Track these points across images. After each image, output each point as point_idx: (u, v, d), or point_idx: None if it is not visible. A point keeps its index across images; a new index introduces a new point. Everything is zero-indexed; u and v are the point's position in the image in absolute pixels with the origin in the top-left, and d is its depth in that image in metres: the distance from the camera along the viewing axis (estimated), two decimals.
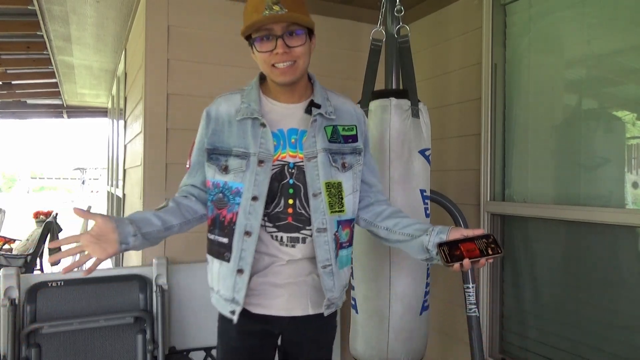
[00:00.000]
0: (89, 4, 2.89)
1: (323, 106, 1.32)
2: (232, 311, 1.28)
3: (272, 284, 1.30)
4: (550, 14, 2.07)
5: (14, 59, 4.53)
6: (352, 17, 2.85)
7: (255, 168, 1.24)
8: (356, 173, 1.35)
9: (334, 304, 1.33)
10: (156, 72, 2.40)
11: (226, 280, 1.27)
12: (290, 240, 1.28)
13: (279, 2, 1.19)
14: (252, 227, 1.24)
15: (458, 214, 2.08)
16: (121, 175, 3.79)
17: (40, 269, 4.93)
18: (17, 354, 1.97)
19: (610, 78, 1.85)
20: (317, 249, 1.27)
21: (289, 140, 1.29)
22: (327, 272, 1.29)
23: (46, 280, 2.09)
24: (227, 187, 1.27)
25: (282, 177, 1.27)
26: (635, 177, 1.74)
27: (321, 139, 1.29)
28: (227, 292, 1.28)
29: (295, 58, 1.23)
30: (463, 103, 2.45)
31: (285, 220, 1.27)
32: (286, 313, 1.31)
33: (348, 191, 1.32)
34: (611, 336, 1.80)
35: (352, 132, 1.36)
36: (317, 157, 1.28)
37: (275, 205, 1.27)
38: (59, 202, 20.23)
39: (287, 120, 1.31)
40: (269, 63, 1.24)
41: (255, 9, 1.22)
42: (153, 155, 2.38)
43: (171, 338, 2.33)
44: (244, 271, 1.25)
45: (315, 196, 1.26)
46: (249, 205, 1.24)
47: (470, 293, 2.02)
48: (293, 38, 1.22)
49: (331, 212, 1.28)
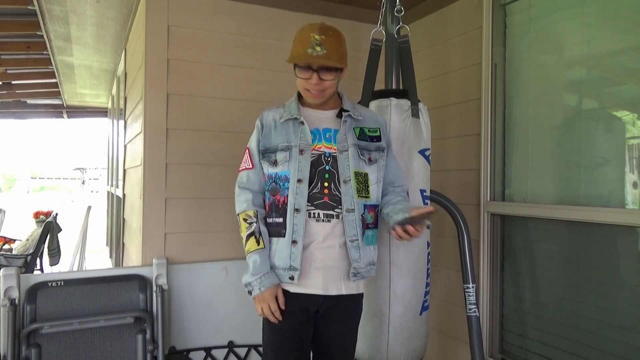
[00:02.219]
0: (89, 4, 2.89)
1: (352, 111, 1.61)
2: (291, 277, 1.51)
3: (312, 266, 1.53)
4: (550, 14, 2.07)
5: (14, 59, 4.53)
6: (352, 17, 2.85)
7: (298, 156, 1.53)
8: (380, 167, 1.63)
9: (360, 273, 1.56)
10: (156, 72, 2.40)
11: (282, 252, 1.52)
12: (326, 217, 1.53)
13: (321, 44, 1.48)
14: (300, 204, 1.51)
15: (458, 214, 2.08)
16: (121, 175, 3.79)
17: (40, 269, 4.92)
18: (17, 354, 1.97)
19: (610, 78, 1.85)
20: (346, 225, 1.52)
21: (324, 135, 1.57)
22: (354, 246, 1.53)
23: (46, 280, 2.09)
24: (277, 177, 1.56)
25: (319, 163, 1.54)
26: (635, 177, 1.74)
27: (351, 136, 1.58)
28: (284, 262, 1.52)
29: (325, 88, 1.54)
30: (463, 103, 2.45)
31: (322, 199, 1.53)
32: (323, 292, 1.54)
33: (373, 181, 1.60)
34: (611, 336, 1.80)
35: (377, 133, 1.65)
36: (348, 151, 1.56)
37: (314, 186, 1.53)
38: (59, 202, 20.23)
39: (322, 122, 1.60)
40: (304, 87, 1.56)
41: (302, 43, 1.51)
42: (153, 155, 2.39)
43: (171, 338, 2.33)
44: (297, 242, 1.50)
45: (346, 182, 1.54)
46: (296, 187, 1.52)
47: (470, 293, 2.02)
48: (326, 74, 1.52)
49: (358, 197, 1.55)
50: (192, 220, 2.46)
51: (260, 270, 1.52)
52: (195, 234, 2.46)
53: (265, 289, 1.50)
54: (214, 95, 2.52)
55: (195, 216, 2.46)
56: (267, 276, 1.51)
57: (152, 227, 2.37)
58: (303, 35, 1.51)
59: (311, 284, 1.53)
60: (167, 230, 2.40)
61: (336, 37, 1.54)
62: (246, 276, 1.54)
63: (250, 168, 1.61)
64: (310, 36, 1.49)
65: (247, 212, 1.57)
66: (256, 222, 1.55)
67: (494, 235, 2.26)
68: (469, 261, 2.04)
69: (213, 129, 2.50)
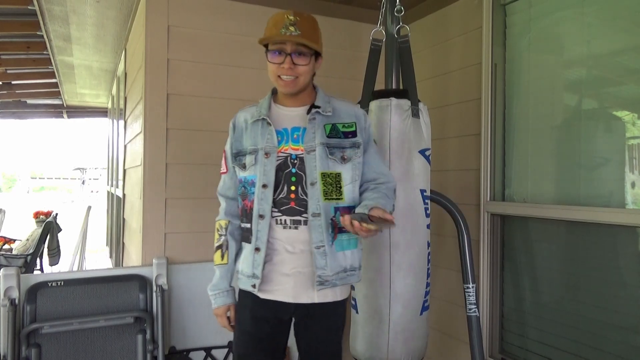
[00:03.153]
0: (89, 4, 2.89)
1: (322, 107, 1.51)
2: (253, 285, 1.46)
3: (280, 273, 1.46)
4: (550, 14, 2.07)
5: (14, 59, 4.53)
6: (352, 17, 2.85)
7: (263, 160, 1.46)
8: (355, 165, 1.51)
9: (327, 281, 1.45)
10: (156, 72, 2.40)
11: (248, 259, 1.49)
12: (293, 223, 1.45)
13: (296, 24, 1.41)
14: (264, 210, 1.45)
15: (458, 214, 2.08)
16: (121, 175, 3.79)
17: (40, 269, 4.92)
18: (17, 354, 1.97)
19: (610, 78, 1.85)
20: (312, 231, 1.44)
21: (292, 136, 1.48)
22: (320, 252, 1.44)
23: (46, 280, 2.09)
24: (246, 181, 1.51)
25: (286, 166, 1.46)
26: (635, 177, 1.74)
27: (320, 134, 1.48)
28: (248, 269, 1.48)
29: (298, 74, 1.44)
30: (463, 103, 2.45)
31: (288, 205, 1.45)
32: (293, 300, 1.46)
33: (347, 181, 1.49)
34: (611, 336, 1.80)
35: (352, 128, 1.53)
36: (316, 150, 1.46)
37: (279, 191, 1.46)
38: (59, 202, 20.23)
39: (292, 120, 1.51)
40: (276, 74, 1.45)
41: (275, 24, 1.43)
42: (153, 155, 2.39)
43: (171, 338, 2.33)
44: (260, 249, 1.45)
45: (312, 185, 1.44)
46: (261, 192, 1.45)
47: (470, 293, 2.02)
48: (300, 57, 1.43)
49: (325, 200, 1.44)
50: (192, 220, 2.46)
51: (217, 287, 1.55)
52: (195, 234, 2.46)
53: (217, 306, 1.55)
54: (214, 95, 2.52)
55: (195, 216, 2.46)
56: (221, 294, 1.55)
57: (152, 227, 2.37)
58: (276, 18, 1.44)
59: (280, 291, 1.46)
60: (167, 230, 2.40)
61: (311, 21, 1.46)
62: (208, 286, 1.58)
63: (224, 172, 1.60)
64: (284, 17, 1.41)
65: (219, 222, 1.57)
66: (224, 236, 1.55)
67: (494, 235, 2.26)
68: (469, 261, 2.04)
69: (213, 129, 2.49)
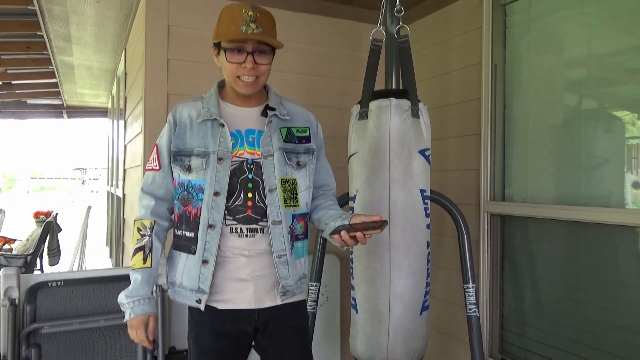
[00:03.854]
0: (89, 4, 2.89)
1: (278, 109, 1.44)
2: (198, 300, 1.35)
3: (237, 279, 1.37)
4: (550, 14, 2.07)
5: (14, 59, 4.53)
6: (352, 17, 2.85)
7: (215, 165, 1.34)
8: (310, 171, 1.47)
9: (289, 291, 1.41)
10: (156, 72, 2.40)
11: (191, 271, 1.36)
12: (250, 231, 1.37)
13: (257, 20, 1.30)
14: (215, 220, 1.34)
15: (458, 214, 2.08)
16: (121, 175, 3.79)
17: (40, 269, 4.92)
18: (17, 354, 1.97)
19: (610, 78, 1.85)
20: (273, 240, 1.37)
21: (247, 139, 1.39)
22: (282, 262, 1.38)
23: (46, 280, 2.09)
24: (190, 185, 1.37)
25: (241, 172, 1.37)
26: (635, 177, 1.74)
27: (277, 138, 1.41)
28: (192, 283, 1.36)
29: (259, 74, 1.36)
30: (463, 103, 2.45)
31: (244, 213, 1.36)
32: (255, 305, 1.38)
33: (302, 187, 1.44)
34: (611, 336, 1.80)
35: (306, 133, 1.48)
36: (274, 155, 1.39)
37: (235, 198, 1.36)
38: (59, 202, 20.23)
39: (245, 122, 1.41)
40: (234, 74, 1.35)
41: (232, 20, 1.30)
42: None
43: (171, 338, 2.33)
44: (208, 262, 1.33)
45: (271, 191, 1.37)
46: (212, 200, 1.34)
47: (470, 293, 2.02)
48: (261, 56, 1.34)
49: (286, 206, 1.38)
50: None
51: (136, 293, 1.35)
52: None
53: (135, 316, 1.34)
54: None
55: None
56: (140, 302, 1.35)
57: None
58: (232, 13, 1.31)
59: (240, 298, 1.36)
60: None
61: (270, 16, 1.36)
62: (122, 294, 1.37)
63: (156, 169, 1.42)
64: (243, 12, 1.29)
65: (143, 221, 1.39)
66: (149, 236, 1.37)
67: (494, 235, 2.26)
68: (469, 261, 2.04)
69: None
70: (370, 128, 1.91)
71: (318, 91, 2.72)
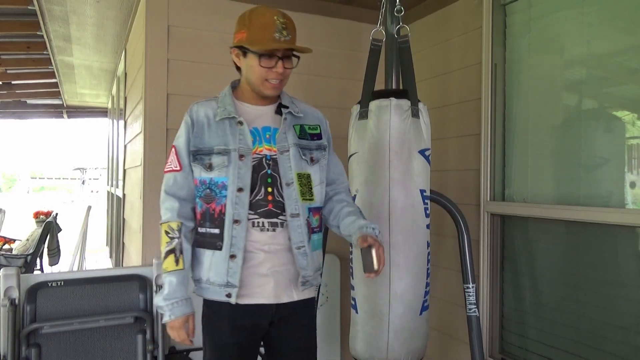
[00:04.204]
0: (89, 4, 2.89)
1: (291, 107, 1.50)
2: (227, 294, 1.39)
3: (258, 274, 1.41)
4: (550, 14, 2.07)
5: (14, 59, 4.53)
6: (352, 17, 2.85)
7: (237, 162, 1.39)
8: (322, 167, 1.53)
9: (308, 282, 1.47)
10: (156, 72, 2.40)
11: (219, 267, 1.39)
12: (271, 225, 1.41)
13: (287, 27, 1.38)
14: (240, 215, 1.38)
15: (458, 214, 2.08)
16: (121, 175, 3.79)
17: (40, 269, 4.92)
18: (17, 354, 1.97)
19: (610, 78, 1.85)
20: (292, 232, 1.42)
21: (264, 135, 1.45)
22: (301, 253, 1.43)
23: (46, 280, 2.09)
24: (213, 183, 1.41)
25: (261, 168, 1.42)
26: (635, 177, 1.74)
27: (292, 135, 1.47)
28: (220, 278, 1.39)
29: (284, 77, 1.44)
30: (463, 103, 2.45)
31: (265, 207, 1.41)
32: (275, 300, 1.43)
33: (316, 182, 1.50)
34: (611, 336, 1.80)
35: (317, 130, 1.55)
36: (289, 151, 1.45)
37: (256, 193, 1.41)
38: (59, 202, 20.23)
39: (260, 119, 1.47)
40: (264, 77, 1.41)
41: (265, 27, 1.37)
42: (153, 155, 2.38)
43: (171, 338, 2.32)
44: (236, 256, 1.38)
45: (288, 185, 1.43)
46: (235, 196, 1.38)
47: (470, 293, 2.02)
48: (288, 61, 1.43)
49: (302, 200, 1.44)
50: None
51: (173, 296, 1.38)
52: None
53: (175, 318, 1.38)
54: (214, 96, 2.51)
55: None
56: (179, 304, 1.38)
57: (152, 227, 2.37)
58: (265, 19, 1.37)
59: (260, 293, 1.41)
60: None
61: (293, 22, 1.44)
62: (158, 297, 1.40)
63: (177, 170, 1.44)
64: (275, 20, 1.37)
65: (170, 224, 1.41)
66: (178, 238, 1.40)
67: (494, 235, 2.26)
68: (469, 261, 2.04)
69: None
70: (370, 128, 1.91)
71: (318, 91, 2.72)
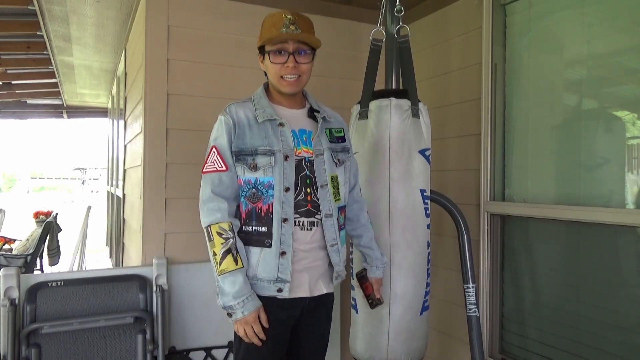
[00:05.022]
0: (89, 4, 2.89)
1: (321, 112, 1.57)
2: (279, 289, 1.44)
3: (296, 270, 1.48)
4: (550, 14, 2.07)
5: (14, 59, 4.53)
6: (352, 17, 2.85)
7: (283, 163, 1.45)
8: (346, 168, 1.61)
9: (340, 275, 1.58)
10: (156, 72, 2.40)
11: (269, 263, 1.44)
12: (309, 224, 1.48)
13: (295, 22, 1.42)
14: (288, 214, 1.44)
15: (458, 214, 2.08)
16: (121, 175, 3.79)
17: (40, 269, 4.92)
18: (17, 354, 1.97)
19: (610, 78, 1.85)
20: (326, 231, 1.50)
21: (301, 138, 1.51)
22: (334, 250, 1.53)
23: (46, 280, 2.09)
24: (259, 183, 1.45)
25: (301, 169, 1.48)
26: (635, 177, 1.74)
27: (325, 139, 1.55)
28: (271, 274, 1.44)
29: (301, 73, 1.46)
30: (463, 103, 2.45)
31: (305, 207, 1.48)
32: (309, 294, 1.51)
33: (342, 182, 1.58)
34: (611, 336, 1.80)
35: (341, 134, 1.62)
36: (324, 154, 1.52)
37: (297, 193, 1.47)
38: (59, 202, 20.22)
39: (296, 122, 1.53)
40: (278, 74, 1.46)
41: (273, 24, 1.43)
42: (153, 155, 2.38)
43: (171, 338, 2.33)
44: (286, 253, 1.44)
45: (323, 187, 1.50)
46: (283, 195, 1.44)
47: (470, 293, 2.02)
48: (302, 56, 1.45)
49: (335, 200, 1.53)
50: (192, 220, 2.45)
51: (242, 293, 1.39)
52: (195, 234, 2.46)
53: (248, 313, 1.40)
54: (214, 95, 2.52)
55: (195, 216, 2.41)
56: (250, 298, 1.40)
57: (152, 227, 2.37)
58: (273, 19, 1.44)
59: (299, 287, 1.48)
60: (167, 230, 2.40)
61: (308, 20, 1.48)
62: (225, 298, 1.40)
63: (223, 170, 1.45)
64: (282, 17, 1.42)
65: (221, 225, 1.42)
66: (232, 238, 1.41)
67: (494, 235, 2.26)
68: (469, 261, 2.04)
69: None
70: (370, 128, 1.91)
71: (318, 91, 2.70)
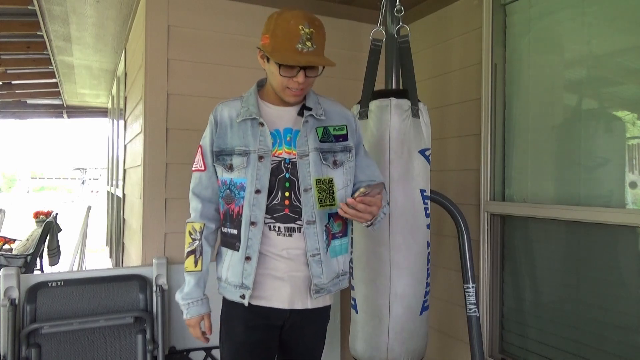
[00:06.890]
0: (89, 4, 2.89)
1: (314, 109, 1.46)
2: (241, 295, 1.40)
3: (274, 277, 1.41)
4: (550, 14, 2.07)
5: (14, 59, 4.53)
6: (352, 17, 2.85)
7: (256, 163, 1.38)
8: (347, 169, 1.48)
9: (323, 289, 1.44)
10: (156, 72, 2.40)
11: (236, 267, 1.40)
12: (287, 230, 1.40)
13: (312, 38, 1.32)
14: (257, 217, 1.38)
15: (458, 214, 2.08)
16: (121, 175, 3.79)
17: (40, 269, 4.92)
18: (17, 354, 1.97)
19: (610, 78, 1.85)
20: (307, 239, 1.39)
21: (285, 138, 1.42)
22: (315, 261, 1.41)
23: (46, 280, 2.09)
24: (232, 184, 1.41)
25: (279, 171, 1.40)
26: (635, 177, 1.74)
27: (313, 139, 1.43)
28: (236, 279, 1.40)
29: (307, 86, 1.40)
30: (463, 103, 2.45)
31: (282, 212, 1.40)
32: (288, 306, 1.42)
33: (339, 186, 1.45)
34: (611, 336, 1.80)
35: (343, 131, 1.49)
36: (309, 156, 1.41)
37: (273, 197, 1.39)
38: (59, 202, 20.22)
39: (283, 121, 1.44)
40: (284, 85, 1.37)
41: (289, 36, 1.31)
42: (153, 155, 2.38)
43: (171, 338, 2.33)
44: (251, 258, 1.38)
45: (306, 191, 1.40)
46: (253, 197, 1.38)
47: (470, 293, 2.02)
48: (312, 70, 1.38)
49: (320, 207, 1.40)
50: None
51: (190, 296, 1.46)
52: None
53: (191, 317, 1.46)
54: (214, 95, 2.51)
55: None
56: (194, 304, 1.46)
57: (152, 227, 2.37)
58: (289, 27, 1.31)
59: (274, 296, 1.41)
60: (167, 230, 2.40)
61: (323, 30, 1.39)
62: (177, 295, 1.48)
63: (202, 170, 1.47)
64: (300, 29, 1.30)
65: (193, 225, 1.47)
66: (199, 240, 1.45)
67: (494, 235, 2.26)
68: (469, 261, 2.04)
69: None
70: (370, 128, 1.91)
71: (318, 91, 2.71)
